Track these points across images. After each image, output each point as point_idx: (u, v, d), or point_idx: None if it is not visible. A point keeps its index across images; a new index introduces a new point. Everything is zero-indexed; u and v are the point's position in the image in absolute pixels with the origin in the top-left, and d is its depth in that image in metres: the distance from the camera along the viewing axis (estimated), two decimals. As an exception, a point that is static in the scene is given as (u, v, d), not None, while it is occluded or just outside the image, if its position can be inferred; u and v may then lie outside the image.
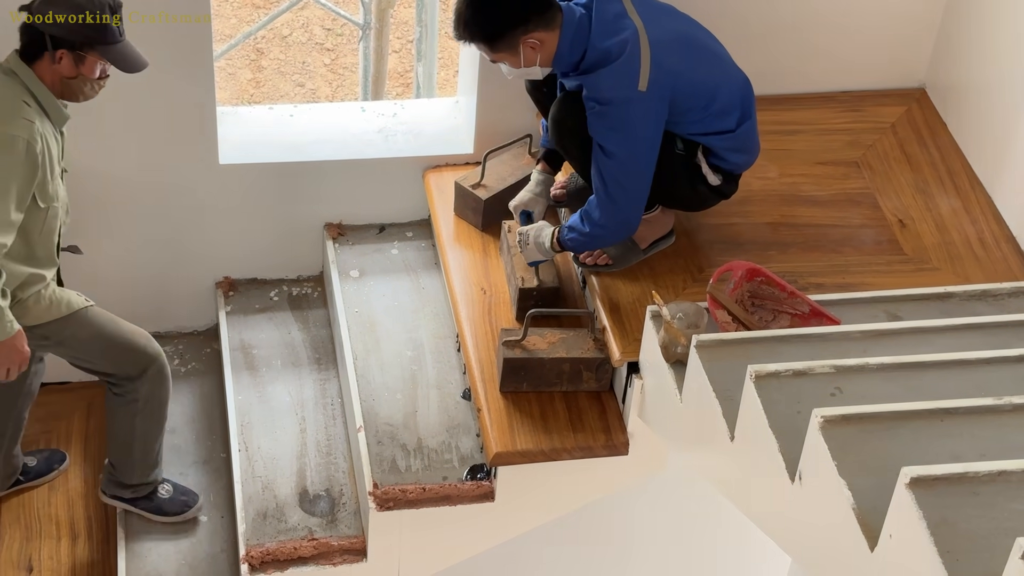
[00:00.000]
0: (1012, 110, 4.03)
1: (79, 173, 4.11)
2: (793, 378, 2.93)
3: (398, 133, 4.47)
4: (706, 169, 3.70)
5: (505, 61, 3.61)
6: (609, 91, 3.51)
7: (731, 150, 3.71)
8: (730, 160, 3.72)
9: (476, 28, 3.55)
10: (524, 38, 3.52)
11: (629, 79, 3.49)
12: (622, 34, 3.52)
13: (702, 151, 3.69)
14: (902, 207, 4.10)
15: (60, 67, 3.45)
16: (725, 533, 5.17)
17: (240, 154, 4.33)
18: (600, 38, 3.53)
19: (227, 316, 4.48)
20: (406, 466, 3.84)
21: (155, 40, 3.94)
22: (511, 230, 4.06)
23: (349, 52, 8.24)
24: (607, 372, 3.79)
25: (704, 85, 3.62)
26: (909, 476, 2.36)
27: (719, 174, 3.72)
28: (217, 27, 8.02)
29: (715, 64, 3.68)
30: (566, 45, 3.55)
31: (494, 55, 3.59)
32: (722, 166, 3.72)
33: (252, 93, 8.06)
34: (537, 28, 3.52)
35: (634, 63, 3.49)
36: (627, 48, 3.49)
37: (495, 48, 3.57)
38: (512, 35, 3.52)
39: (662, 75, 3.51)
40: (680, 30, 3.64)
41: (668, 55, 3.53)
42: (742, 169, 3.80)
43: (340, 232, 4.50)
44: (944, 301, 3.58)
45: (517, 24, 3.52)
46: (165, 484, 4.09)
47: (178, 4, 3.91)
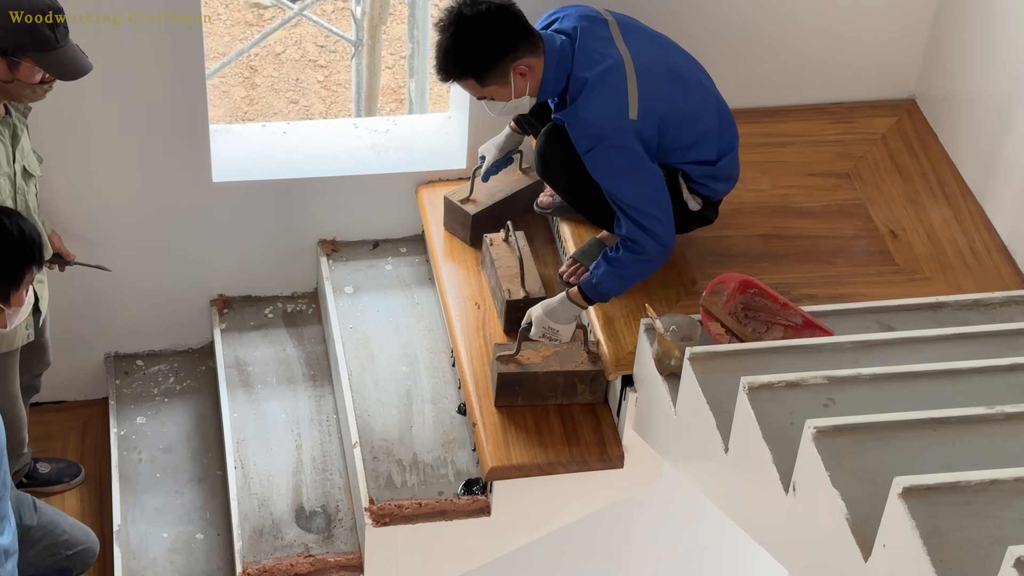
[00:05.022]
0: (1002, 120, 4.05)
1: (73, 193, 4.13)
2: (786, 389, 2.94)
3: (391, 149, 4.48)
4: (687, 195, 3.68)
5: (494, 95, 3.53)
6: (597, 124, 3.46)
7: (711, 179, 3.69)
8: (710, 187, 3.71)
9: (465, 61, 3.46)
10: (514, 65, 3.47)
11: (618, 108, 3.45)
12: (605, 62, 3.47)
13: (682, 176, 3.67)
14: (893, 218, 4.11)
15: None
16: (721, 545, 5.17)
17: (234, 171, 4.33)
18: (582, 67, 3.48)
19: (222, 333, 4.48)
20: (402, 481, 3.84)
21: (148, 58, 3.96)
22: (493, 243, 4.07)
23: (342, 69, 8.26)
24: (602, 384, 3.80)
25: (687, 114, 3.58)
26: (902, 486, 2.37)
27: (698, 199, 3.72)
28: (210, 45, 8.04)
29: (700, 95, 3.64)
30: (551, 72, 3.50)
31: (483, 89, 3.51)
32: (701, 191, 3.71)
33: (246, 111, 8.07)
34: (525, 54, 3.47)
35: (620, 91, 3.45)
36: (611, 76, 3.45)
37: (485, 81, 3.48)
38: (502, 64, 3.46)
39: (650, 102, 3.47)
40: (665, 59, 3.59)
41: (654, 82, 3.50)
42: (721, 195, 3.79)
43: (334, 248, 4.51)
44: (936, 311, 3.59)
45: (506, 51, 3.45)
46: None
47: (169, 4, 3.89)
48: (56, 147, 3.97)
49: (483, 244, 4.13)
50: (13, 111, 3.55)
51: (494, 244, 4.09)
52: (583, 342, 3.79)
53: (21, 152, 3.59)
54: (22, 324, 3.66)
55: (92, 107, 3.99)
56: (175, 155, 4.19)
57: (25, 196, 3.60)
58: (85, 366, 4.53)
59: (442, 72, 3.52)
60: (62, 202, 4.12)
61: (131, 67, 3.96)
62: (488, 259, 4.09)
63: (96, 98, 3.95)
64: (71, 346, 4.37)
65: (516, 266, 3.99)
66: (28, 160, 3.63)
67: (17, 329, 3.66)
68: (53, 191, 4.04)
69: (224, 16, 8.50)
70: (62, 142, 4.01)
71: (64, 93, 3.61)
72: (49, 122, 3.91)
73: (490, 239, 4.10)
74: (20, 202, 3.58)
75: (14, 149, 3.56)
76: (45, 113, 3.80)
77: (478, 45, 3.45)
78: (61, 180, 4.07)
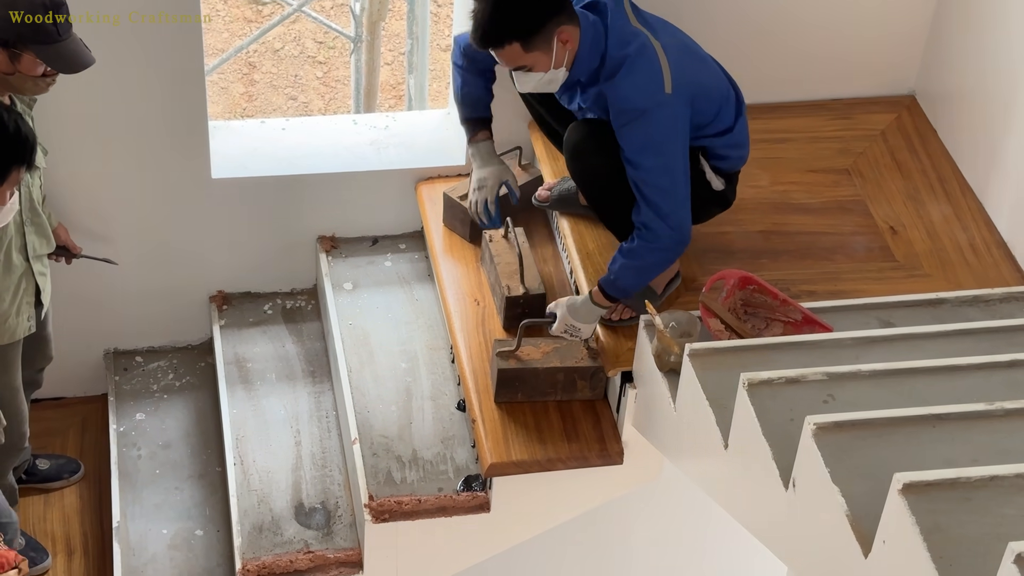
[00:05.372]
0: (1002, 116, 4.04)
1: (72, 189, 4.12)
2: (786, 386, 2.94)
3: (390, 145, 4.48)
4: (710, 174, 3.66)
5: (535, 64, 3.43)
6: (638, 99, 3.42)
7: (730, 146, 3.67)
8: (731, 156, 3.69)
9: (513, 22, 3.36)
10: (559, 31, 3.39)
11: (656, 83, 3.42)
12: (637, 39, 3.46)
13: (703, 154, 3.65)
14: (893, 214, 4.11)
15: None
16: (720, 542, 5.17)
17: (233, 168, 4.33)
18: (617, 44, 3.45)
19: (221, 330, 4.48)
20: (401, 478, 3.84)
21: (147, 55, 3.95)
22: (492, 240, 4.07)
23: (341, 65, 8.25)
24: (601, 380, 3.80)
25: (708, 87, 3.59)
26: (902, 482, 2.37)
27: (720, 176, 3.71)
28: (209, 41, 8.03)
29: (711, 68, 3.66)
30: (586, 48, 3.45)
31: (526, 56, 3.41)
32: (722, 166, 3.70)
33: (244, 107, 8.06)
34: (568, 21, 3.40)
35: (656, 67, 3.43)
36: (647, 52, 3.43)
37: (530, 45, 3.38)
38: (549, 27, 3.37)
39: (681, 77, 3.45)
40: (678, 37, 3.61)
41: (680, 60, 3.49)
42: (739, 165, 3.77)
43: (333, 245, 4.51)
44: (936, 307, 3.58)
45: (553, 13, 3.37)
46: (19, 538, 4.03)
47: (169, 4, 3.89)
48: (56, 142, 3.97)
49: (482, 240, 4.13)
50: (18, 103, 3.55)
51: (493, 240, 4.09)
52: (583, 339, 3.79)
53: None
54: (23, 316, 3.66)
55: (91, 103, 3.99)
56: (174, 151, 4.19)
57: (29, 188, 3.60)
58: (84, 362, 4.53)
59: (484, 37, 3.40)
60: (64, 196, 4.11)
61: (130, 63, 3.96)
62: (487, 255, 4.08)
63: (95, 94, 3.94)
64: (70, 342, 4.36)
65: (515, 262, 3.99)
66: None
67: (19, 320, 3.66)
68: (55, 185, 4.03)
69: (223, 12, 8.50)
70: (62, 137, 4.01)
71: (66, 88, 3.61)
72: (51, 116, 3.91)
73: (489, 235, 4.10)
74: (24, 194, 3.58)
75: None
76: (49, 107, 3.80)
77: (526, 4, 3.36)
78: (63, 175, 4.07)
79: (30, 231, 3.63)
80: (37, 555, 4.08)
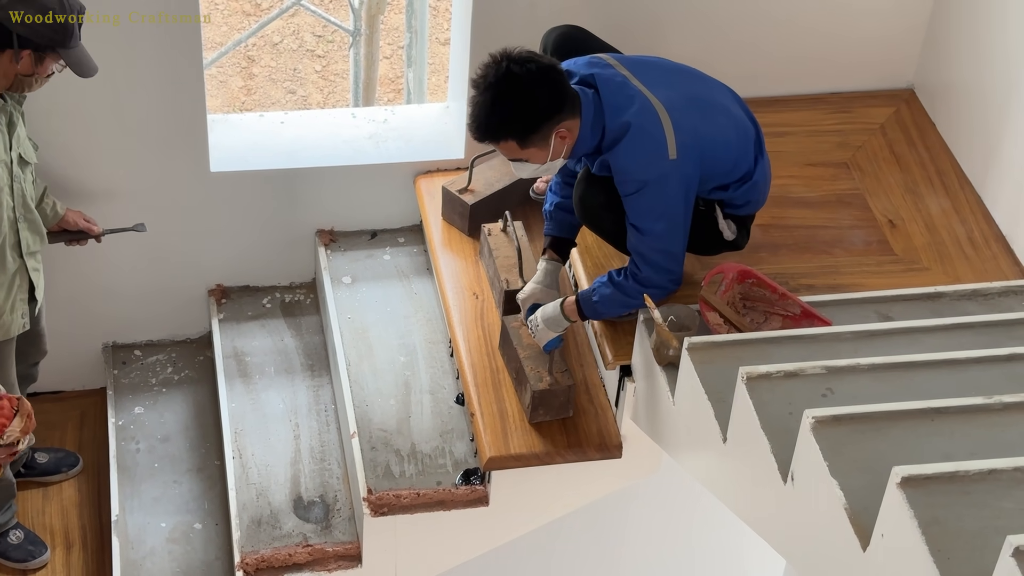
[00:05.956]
0: (1000, 109, 4.04)
1: (71, 182, 4.12)
2: (784, 379, 2.94)
3: (389, 139, 4.48)
4: (722, 224, 3.59)
5: (530, 158, 3.35)
6: (640, 171, 3.33)
7: (749, 191, 3.58)
8: (750, 202, 3.61)
9: (510, 122, 3.27)
10: (557, 128, 3.30)
11: (658, 152, 3.32)
12: (634, 104, 3.34)
13: (719, 204, 3.57)
14: (892, 207, 4.11)
15: (19, 65, 3.42)
16: (719, 535, 5.18)
17: (231, 161, 4.33)
18: (614, 113, 3.34)
19: (220, 323, 4.48)
20: (400, 471, 3.85)
21: (146, 49, 3.95)
22: (491, 233, 4.07)
23: (340, 59, 8.25)
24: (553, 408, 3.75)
25: (718, 140, 3.45)
26: (900, 475, 2.37)
27: (733, 227, 3.61)
28: (207, 35, 8.03)
29: (722, 114, 3.52)
30: (587, 128, 3.34)
31: (521, 151, 3.33)
32: (738, 212, 3.61)
33: (243, 100, 8.06)
34: (567, 116, 3.30)
35: (658, 133, 3.33)
36: (646, 116, 3.32)
37: (526, 143, 3.31)
38: (547, 126, 3.28)
39: (687, 137, 3.35)
40: (681, 88, 3.46)
41: (684, 116, 3.37)
42: (757, 209, 3.68)
43: (332, 238, 4.50)
44: (934, 301, 3.58)
45: (553, 113, 3.27)
46: (17, 531, 4.06)
47: (169, 4, 3.89)
48: (55, 137, 3.97)
49: (481, 234, 4.13)
50: (8, 99, 3.55)
51: (492, 234, 4.08)
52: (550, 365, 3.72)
53: (17, 140, 3.58)
54: (18, 313, 3.66)
55: (91, 98, 3.98)
56: (173, 145, 4.19)
57: (21, 183, 3.60)
58: (83, 356, 4.53)
59: (480, 131, 3.31)
60: (63, 190, 4.11)
61: (130, 58, 3.95)
62: (486, 249, 4.08)
63: (95, 89, 3.93)
64: (69, 336, 4.36)
65: (514, 256, 3.99)
66: (24, 147, 3.62)
67: (13, 317, 3.66)
68: (54, 179, 4.03)
69: (221, 6, 8.49)
70: (61, 132, 4.01)
71: (65, 84, 3.61)
72: (50, 111, 3.91)
73: (488, 229, 4.10)
74: (16, 189, 3.58)
75: (10, 137, 3.55)
76: (44, 102, 3.80)
77: (525, 106, 3.26)
78: (61, 170, 4.06)
79: (23, 228, 3.63)
80: (36, 548, 4.08)
